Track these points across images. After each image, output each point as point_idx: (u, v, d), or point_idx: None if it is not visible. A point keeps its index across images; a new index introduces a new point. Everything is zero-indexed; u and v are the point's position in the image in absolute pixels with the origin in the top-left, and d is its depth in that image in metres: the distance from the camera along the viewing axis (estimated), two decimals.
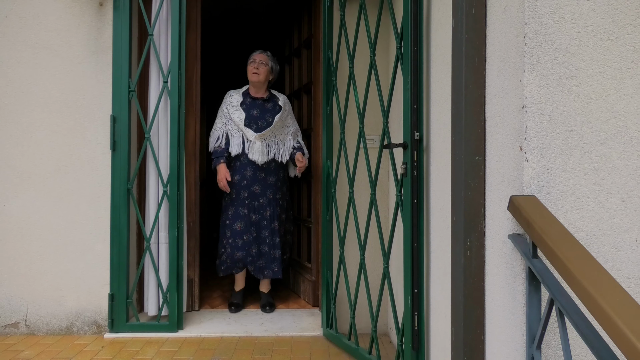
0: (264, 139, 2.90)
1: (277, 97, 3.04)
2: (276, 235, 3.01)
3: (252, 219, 2.98)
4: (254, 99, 2.98)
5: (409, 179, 1.87)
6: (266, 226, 2.99)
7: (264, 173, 2.96)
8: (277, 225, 3.02)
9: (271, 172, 2.99)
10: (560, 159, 1.16)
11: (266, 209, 2.99)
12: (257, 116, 2.94)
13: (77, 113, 2.64)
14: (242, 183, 2.94)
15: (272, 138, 2.94)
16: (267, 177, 2.98)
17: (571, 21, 1.16)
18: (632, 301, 0.83)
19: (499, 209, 1.28)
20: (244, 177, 2.94)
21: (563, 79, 1.16)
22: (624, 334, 0.76)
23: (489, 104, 1.33)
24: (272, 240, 3.02)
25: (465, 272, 1.39)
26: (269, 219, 3.00)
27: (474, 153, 1.36)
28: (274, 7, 4.14)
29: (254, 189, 2.95)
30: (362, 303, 2.58)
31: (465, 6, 1.35)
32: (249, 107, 2.95)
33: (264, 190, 2.98)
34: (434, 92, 1.83)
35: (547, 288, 1.05)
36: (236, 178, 2.94)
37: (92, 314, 2.61)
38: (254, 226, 2.97)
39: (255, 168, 2.93)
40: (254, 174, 2.94)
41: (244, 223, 2.95)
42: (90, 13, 2.65)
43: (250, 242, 2.95)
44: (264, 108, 2.97)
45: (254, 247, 2.96)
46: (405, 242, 1.90)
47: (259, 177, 2.95)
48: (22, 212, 2.62)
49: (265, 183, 2.97)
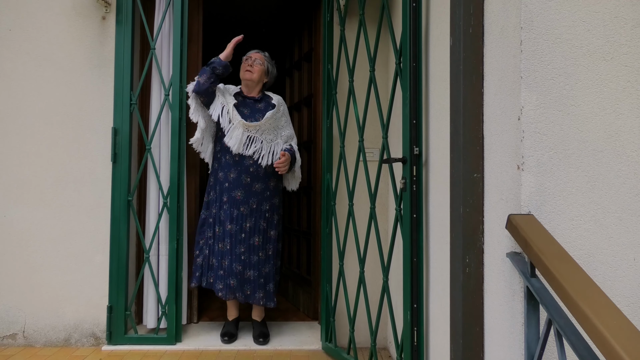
0: (248, 130, 2.57)
1: (270, 97, 2.74)
2: (254, 254, 2.59)
3: (228, 228, 2.58)
4: (245, 98, 2.69)
5: (408, 194, 1.88)
6: (243, 240, 2.58)
7: (250, 178, 2.59)
8: (257, 241, 2.60)
9: (259, 179, 2.61)
10: (557, 177, 1.17)
11: (246, 220, 2.59)
12: (246, 115, 2.63)
13: (78, 125, 2.66)
14: (224, 185, 2.60)
15: (257, 134, 2.59)
16: (253, 183, 2.60)
17: (567, 42, 1.18)
18: (628, 323, 0.84)
19: (497, 226, 1.29)
20: (227, 178, 2.59)
21: (560, 98, 1.18)
22: (620, 356, 0.77)
23: (487, 122, 1.34)
24: (248, 259, 2.58)
25: (464, 289, 1.39)
26: (248, 232, 2.58)
27: (472, 170, 1.37)
28: (275, 20, 4.18)
29: (235, 195, 2.58)
30: (361, 317, 2.58)
31: (463, 25, 1.37)
32: (239, 105, 2.65)
33: (247, 197, 2.59)
34: (433, 107, 1.85)
35: (545, 308, 1.05)
36: (220, 175, 2.62)
37: (90, 326, 2.61)
38: (229, 238, 2.59)
39: (241, 171, 2.57)
40: (238, 177, 2.58)
41: (221, 229, 2.61)
42: (93, 26, 2.68)
43: (225, 252, 2.59)
44: (255, 107, 2.67)
45: (226, 260, 2.58)
46: (405, 257, 1.90)
47: (242, 182, 2.58)
48: (22, 223, 2.63)
49: (249, 190, 2.59)
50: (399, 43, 1.99)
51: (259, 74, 2.68)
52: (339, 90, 2.58)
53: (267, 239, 2.64)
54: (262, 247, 2.62)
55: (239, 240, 2.58)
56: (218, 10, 3.97)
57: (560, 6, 1.17)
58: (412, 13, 1.85)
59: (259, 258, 2.60)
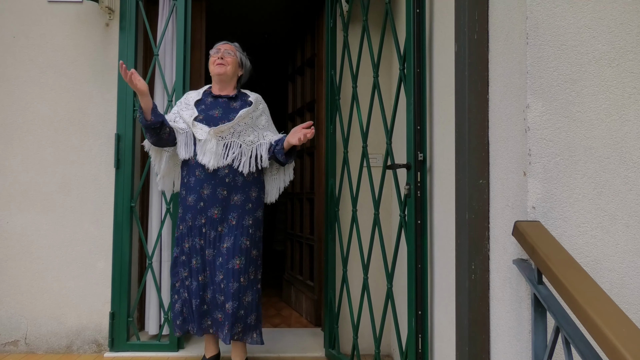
0: (222, 137, 2.20)
1: (247, 95, 2.36)
2: (235, 280, 2.15)
3: (207, 254, 2.21)
4: (217, 98, 2.30)
5: (413, 200, 1.88)
6: (221, 265, 2.17)
7: (227, 190, 2.19)
8: (239, 263, 2.16)
9: (237, 190, 2.21)
10: (564, 184, 1.17)
11: (224, 241, 2.19)
12: (218, 117, 2.24)
13: (81, 131, 2.67)
14: (199, 205, 2.19)
15: (233, 138, 2.21)
16: (231, 195, 2.20)
17: (573, 48, 1.18)
18: (637, 331, 0.83)
19: (503, 233, 1.29)
20: (201, 197, 2.19)
21: (566, 104, 1.18)
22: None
23: (492, 128, 1.35)
24: (227, 287, 2.16)
25: (470, 295, 1.38)
26: (226, 254, 2.17)
27: (478, 176, 1.37)
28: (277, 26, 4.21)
29: (211, 213, 2.19)
30: (365, 323, 2.57)
31: (467, 31, 1.38)
32: (208, 107, 2.27)
33: (225, 214, 2.20)
34: (437, 113, 1.85)
35: (552, 315, 1.04)
36: (190, 199, 2.20)
37: (92, 333, 2.60)
38: (209, 265, 2.21)
39: (216, 184, 2.18)
40: (214, 192, 2.18)
41: (199, 259, 2.22)
42: (97, 33, 2.69)
43: (207, 284, 2.22)
44: (229, 107, 2.27)
45: (209, 292, 2.22)
46: (409, 263, 1.90)
47: (219, 197, 2.19)
48: (24, 229, 2.63)
49: (227, 204, 2.20)
50: (402, 49, 2.00)
51: (232, 67, 2.30)
52: (342, 96, 2.59)
53: (250, 261, 2.21)
54: (243, 270, 2.18)
55: (217, 266, 2.19)
56: (221, 16, 3.99)
57: (565, 13, 1.18)
58: (416, 19, 1.85)
59: (239, 285, 2.16)
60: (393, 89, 2.67)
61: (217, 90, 2.33)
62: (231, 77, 2.32)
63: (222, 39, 4.54)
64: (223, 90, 2.32)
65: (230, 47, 2.34)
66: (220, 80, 2.30)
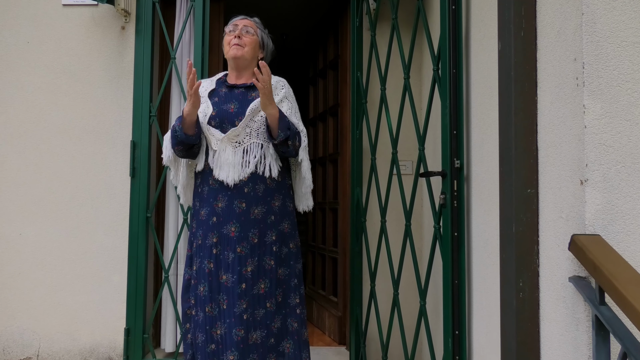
0: (239, 142, 1.88)
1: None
2: (260, 307, 1.86)
3: (223, 279, 1.85)
4: (232, 88, 1.98)
5: (449, 210, 1.83)
6: (244, 293, 1.83)
7: (246, 202, 1.87)
8: (263, 287, 1.86)
9: (258, 200, 1.88)
10: (626, 194, 1.11)
11: (246, 264, 1.84)
12: (233, 112, 1.91)
13: (96, 138, 2.69)
14: (211, 220, 1.88)
15: (252, 139, 1.89)
16: (251, 208, 1.87)
17: (634, 45, 1.13)
18: None
19: (555, 247, 1.23)
20: (214, 211, 1.88)
21: (627, 106, 1.12)
22: None
23: (542, 133, 1.30)
24: (252, 316, 1.83)
25: (518, 316, 1.33)
26: (250, 279, 1.84)
27: (526, 186, 1.32)
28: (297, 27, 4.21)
29: (227, 231, 1.86)
30: (394, 343, 2.51)
31: (513, 28, 1.34)
32: (222, 100, 1.96)
33: (244, 231, 1.86)
34: (474, 117, 1.80)
35: (618, 339, 0.99)
36: (203, 213, 1.91)
37: (106, 350, 2.60)
38: (225, 293, 1.84)
39: (232, 195, 1.86)
40: (230, 205, 1.86)
41: (207, 287, 1.87)
42: (112, 37, 2.72)
43: (215, 318, 1.85)
44: (247, 99, 1.94)
45: (220, 328, 1.84)
46: (445, 279, 1.84)
47: (236, 211, 1.86)
48: (37, 241, 2.65)
49: (246, 219, 1.86)
50: (436, 48, 1.96)
51: (251, 48, 1.97)
52: (369, 99, 2.55)
53: (278, 282, 1.91)
54: (269, 294, 1.88)
55: (238, 294, 1.83)
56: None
57: (626, 6, 1.13)
58: (452, 16, 1.82)
59: (266, 311, 1.87)
60: (422, 91, 2.63)
61: (234, 79, 2.01)
62: (250, 60, 1.98)
63: None
64: (240, 77, 2.00)
65: (250, 22, 2.02)
66: (237, 65, 1.98)
